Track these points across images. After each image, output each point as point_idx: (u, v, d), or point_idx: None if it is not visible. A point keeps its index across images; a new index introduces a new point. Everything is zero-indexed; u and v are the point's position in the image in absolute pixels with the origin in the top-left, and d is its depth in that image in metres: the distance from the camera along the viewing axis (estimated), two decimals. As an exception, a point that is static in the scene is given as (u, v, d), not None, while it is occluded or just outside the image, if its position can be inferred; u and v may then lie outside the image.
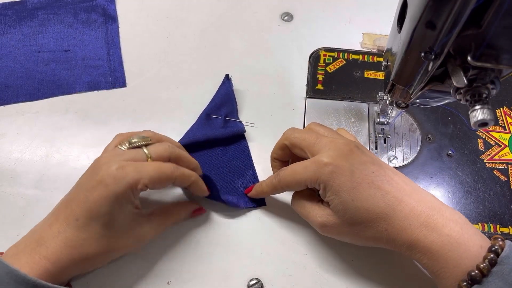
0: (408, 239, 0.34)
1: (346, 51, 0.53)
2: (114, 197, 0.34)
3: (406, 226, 0.34)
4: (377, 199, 0.35)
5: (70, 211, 0.34)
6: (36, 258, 0.33)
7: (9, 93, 0.50)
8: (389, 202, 0.35)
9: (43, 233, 0.34)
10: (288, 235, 0.42)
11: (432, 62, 0.30)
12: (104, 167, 0.34)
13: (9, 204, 0.43)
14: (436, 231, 0.33)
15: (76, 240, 0.34)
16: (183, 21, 0.56)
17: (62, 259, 0.33)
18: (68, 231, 0.34)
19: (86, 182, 0.35)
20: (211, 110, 0.48)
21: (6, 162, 0.46)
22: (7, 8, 0.56)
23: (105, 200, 0.34)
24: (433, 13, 0.27)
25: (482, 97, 0.29)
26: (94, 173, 0.35)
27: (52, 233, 0.34)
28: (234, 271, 0.40)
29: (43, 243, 0.33)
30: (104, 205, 0.34)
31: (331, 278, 0.40)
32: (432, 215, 0.34)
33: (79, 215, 0.34)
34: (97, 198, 0.34)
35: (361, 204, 0.35)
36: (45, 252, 0.33)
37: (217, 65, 0.53)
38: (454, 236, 0.33)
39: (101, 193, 0.34)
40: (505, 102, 0.50)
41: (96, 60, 0.53)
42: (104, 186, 0.34)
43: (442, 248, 0.33)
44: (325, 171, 0.35)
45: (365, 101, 0.50)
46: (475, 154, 0.46)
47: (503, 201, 0.43)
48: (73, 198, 0.35)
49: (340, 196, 0.35)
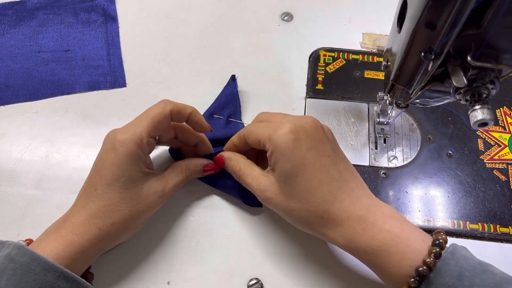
0: (346, 232, 0.34)
1: (346, 51, 0.54)
2: (125, 158, 0.35)
3: (344, 218, 0.34)
4: (321, 183, 0.34)
5: (89, 184, 0.36)
6: (62, 233, 0.34)
7: (9, 93, 0.50)
8: (332, 190, 0.34)
9: (68, 212, 0.36)
10: (288, 235, 0.42)
11: (432, 62, 0.30)
12: (109, 137, 0.37)
13: (9, 204, 0.43)
14: (376, 226, 0.33)
15: (98, 209, 0.35)
16: (183, 21, 0.56)
17: (88, 230, 0.34)
18: (90, 203, 0.35)
19: (99, 157, 0.37)
20: (214, 110, 0.48)
21: (6, 162, 0.46)
22: (7, 8, 0.56)
23: (118, 163, 0.35)
24: (433, 13, 0.27)
25: (482, 97, 0.29)
26: (103, 147, 0.37)
27: (76, 208, 0.36)
28: (234, 271, 0.40)
29: (68, 219, 0.35)
30: (118, 168, 0.35)
31: (331, 278, 0.40)
32: (372, 211, 0.34)
33: (97, 185, 0.35)
34: (109, 163, 0.35)
35: (303, 182, 0.34)
36: (70, 226, 0.34)
37: (217, 65, 0.53)
38: (395, 231, 0.33)
39: (112, 158, 0.35)
40: (505, 102, 0.50)
41: (96, 60, 0.53)
42: (114, 151, 0.36)
43: (383, 244, 0.32)
44: (282, 136, 0.35)
45: (365, 101, 0.50)
46: (475, 154, 0.46)
47: (503, 201, 0.43)
48: (90, 176, 0.37)
49: (285, 166, 0.34)
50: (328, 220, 0.34)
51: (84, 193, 0.36)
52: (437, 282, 0.30)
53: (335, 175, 0.35)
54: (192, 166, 0.41)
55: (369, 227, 0.33)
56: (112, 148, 0.36)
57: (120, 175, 0.35)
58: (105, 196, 0.35)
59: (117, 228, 0.36)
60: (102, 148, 0.37)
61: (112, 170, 0.35)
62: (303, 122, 0.36)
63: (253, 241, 0.41)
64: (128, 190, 0.36)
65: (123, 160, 0.35)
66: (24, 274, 0.31)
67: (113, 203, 0.35)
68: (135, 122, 0.37)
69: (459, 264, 0.30)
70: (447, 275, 0.30)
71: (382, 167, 0.45)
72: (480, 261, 0.32)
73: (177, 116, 0.39)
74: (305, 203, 0.35)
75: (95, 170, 0.37)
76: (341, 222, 0.34)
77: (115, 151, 0.36)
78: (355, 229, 0.34)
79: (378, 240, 0.33)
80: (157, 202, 0.38)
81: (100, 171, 0.36)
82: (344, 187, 0.35)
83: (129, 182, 0.36)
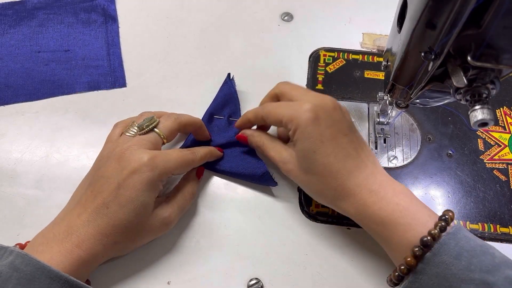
0: (357, 203, 0.36)
1: (346, 51, 0.54)
2: (147, 185, 0.36)
3: (356, 191, 0.36)
4: (337, 159, 0.36)
5: (100, 200, 0.35)
6: (68, 247, 0.34)
7: (9, 93, 0.50)
8: (347, 166, 0.36)
9: (71, 223, 0.35)
10: (288, 235, 0.42)
11: (432, 62, 0.30)
12: (135, 158, 0.36)
13: (9, 204, 0.43)
14: (385, 199, 0.35)
15: (106, 227, 0.35)
16: (183, 21, 0.56)
17: (94, 247, 0.34)
18: (99, 219, 0.35)
19: (115, 173, 0.36)
20: (214, 110, 0.48)
21: (6, 162, 0.46)
22: (7, 8, 0.56)
23: (139, 187, 0.35)
24: (433, 13, 0.27)
25: (482, 97, 0.29)
26: (123, 163, 0.36)
27: (82, 222, 0.35)
28: (234, 271, 0.40)
29: (73, 232, 0.34)
30: (136, 191, 0.35)
31: (331, 278, 0.40)
32: (384, 186, 0.36)
33: (110, 203, 0.35)
34: (130, 185, 0.35)
35: (320, 158, 0.36)
36: (76, 240, 0.34)
37: (217, 65, 0.53)
38: (403, 204, 0.34)
39: (135, 181, 0.35)
40: (505, 102, 0.50)
41: (96, 60, 0.53)
42: (139, 174, 0.36)
43: (391, 215, 0.34)
44: (303, 115, 0.37)
45: (365, 101, 0.50)
46: (475, 154, 0.46)
47: (503, 201, 0.43)
48: (100, 189, 0.36)
49: (305, 143, 0.37)
50: (341, 193, 0.36)
51: (94, 208, 0.35)
52: (435, 260, 0.31)
53: (351, 153, 0.37)
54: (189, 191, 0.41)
55: (379, 199, 0.35)
56: (138, 170, 0.36)
57: (135, 199, 0.35)
58: (115, 216, 0.35)
59: (118, 248, 0.37)
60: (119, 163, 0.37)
61: (130, 192, 0.35)
62: (322, 102, 0.38)
63: (253, 241, 0.41)
64: (138, 215, 0.36)
65: (145, 186, 0.36)
66: (29, 283, 0.31)
67: (121, 224, 0.35)
68: (167, 153, 0.38)
69: (460, 244, 0.31)
70: (446, 254, 0.31)
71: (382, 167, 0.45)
72: (482, 243, 0.32)
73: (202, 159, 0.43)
74: (321, 177, 0.37)
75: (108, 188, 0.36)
76: (353, 194, 0.36)
77: (141, 174, 0.36)
78: (366, 200, 0.35)
79: (386, 211, 0.34)
80: (161, 229, 0.39)
81: (118, 190, 0.35)
82: (359, 164, 0.37)
83: (141, 207, 0.36)
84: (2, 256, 0.32)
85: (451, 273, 0.31)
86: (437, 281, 0.31)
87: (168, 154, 0.38)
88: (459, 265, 0.31)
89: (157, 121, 0.40)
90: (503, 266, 0.31)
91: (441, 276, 0.31)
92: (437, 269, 0.31)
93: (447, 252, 0.31)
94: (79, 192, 0.38)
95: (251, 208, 0.43)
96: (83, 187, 0.39)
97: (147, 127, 0.39)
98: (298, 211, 0.43)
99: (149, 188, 0.36)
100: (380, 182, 0.36)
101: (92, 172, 0.39)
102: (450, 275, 0.31)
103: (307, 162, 0.37)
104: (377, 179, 0.37)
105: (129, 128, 0.40)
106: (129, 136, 0.39)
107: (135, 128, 0.40)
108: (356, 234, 0.42)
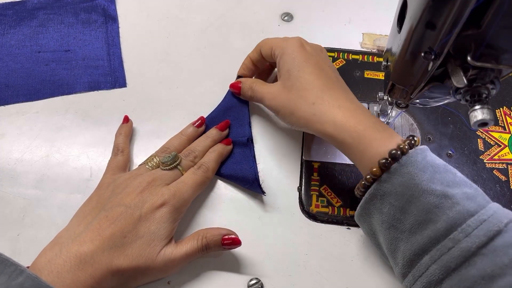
0: (336, 117, 0.37)
1: (346, 51, 0.54)
2: (167, 219, 0.37)
3: (335, 106, 0.38)
4: (318, 77, 0.40)
5: (118, 228, 0.35)
6: (82, 277, 0.33)
7: (9, 93, 0.50)
8: (327, 83, 0.40)
9: (83, 249, 0.34)
10: (288, 235, 0.42)
11: (432, 62, 0.30)
12: (158, 193, 0.38)
13: (9, 204, 0.43)
14: (364, 115, 0.37)
15: (119, 257, 0.34)
16: (183, 21, 0.56)
17: (105, 276, 0.34)
18: (113, 247, 0.35)
19: (136, 204, 0.37)
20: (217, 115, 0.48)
21: (6, 162, 0.46)
22: (7, 8, 0.56)
23: (159, 220, 0.37)
24: (433, 13, 0.27)
25: (482, 97, 0.29)
26: (145, 196, 0.38)
27: (95, 248, 0.34)
28: (234, 271, 0.40)
29: (88, 261, 0.34)
30: (156, 224, 0.36)
31: (331, 278, 0.40)
32: (362, 106, 0.39)
33: (128, 233, 0.35)
34: (151, 219, 0.37)
35: (303, 75, 0.40)
36: (90, 270, 0.33)
37: (217, 65, 0.53)
38: (380, 123, 0.37)
39: (156, 215, 0.37)
40: (505, 102, 0.50)
41: (96, 60, 0.53)
42: (160, 210, 0.37)
43: (368, 128, 0.36)
44: (291, 41, 0.43)
45: (365, 101, 0.50)
46: (475, 154, 0.46)
47: (503, 201, 0.43)
48: (118, 216, 0.36)
49: (290, 64, 0.41)
50: (321, 107, 0.38)
51: (109, 236, 0.35)
52: (401, 170, 0.34)
53: (330, 74, 0.41)
54: (209, 236, 0.38)
55: (358, 114, 0.37)
56: (160, 205, 0.37)
57: (155, 232, 0.36)
58: (130, 247, 0.35)
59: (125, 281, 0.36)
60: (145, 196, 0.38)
61: (150, 224, 0.36)
62: (307, 40, 0.44)
63: (253, 241, 0.41)
64: (151, 248, 0.36)
65: (165, 219, 0.37)
66: None
67: (133, 254, 0.35)
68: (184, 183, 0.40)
69: (426, 159, 0.34)
70: (412, 166, 0.33)
71: None
72: (446, 164, 0.35)
73: None
74: (302, 90, 0.39)
75: (129, 214, 0.36)
76: (332, 108, 0.38)
77: (162, 209, 0.37)
78: (345, 114, 0.37)
79: (363, 124, 0.36)
80: (164, 269, 0.37)
81: (139, 222, 0.36)
82: (337, 83, 0.41)
83: (156, 240, 0.36)
84: (12, 274, 0.30)
85: (414, 183, 0.33)
86: (401, 190, 0.33)
87: (184, 184, 0.40)
88: (423, 177, 0.33)
89: (180, 159, 0.42)
90: (463, 184, 0.33)
91: (404, 185, 0.33)
92: (402, 178, 0.33)
93: (413, 164, 0.33)
94: (88, 215, 0.37)
95: (251, 208, 0.43)
96: (91, 210, 0.38)
97: (171, 164, 0.41)
98: (298, 211, 0.43)
99: (168, 221, 0.37)
100: (358, 103, 0.39)
101: (104, 197, 0.38)
102: (413, 184, 0.33)
103: (291, 79, 0.40)
104: (355, 99, 0.40)
105: (151, 160, 0.42)
106: (147, 169, 0.41)
107: (161, 160, 0.42)
108: (356, 234, 0.42)
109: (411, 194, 0.33)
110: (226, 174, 0.44)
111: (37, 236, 0.41)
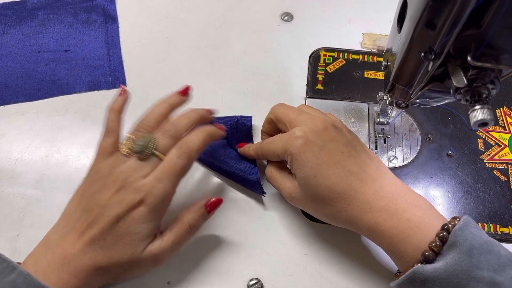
0: (368, 222, 0.35)
1: (346, 51, 0.54)
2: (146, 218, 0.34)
3: (366, 209, 0.35)
4: (339, 178, 0.35)
5: (97, 231, 0.34)
6: (65, 277, 0.33)
7: (9, 93, 0.50)
8: (352, 184, 0.35)
9: (66, 252, 0.34)
10: (288, 235, 0.42)
11: (432, 62, 0.30)
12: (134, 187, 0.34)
13: (9, 204, 0.43)
14: (396, 215, 0.34)
15: (102, 258, 0.34)
16: (183, 21, 0.56)
17: (90, 276, 0.34)
18: (94, 250, 0.34)
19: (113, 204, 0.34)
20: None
21: (6, 162, 0.46)
22: (7, 8, 0.56)
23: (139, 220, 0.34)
24: (433, 13, 0.27)
25: (482, 97, 0.29)
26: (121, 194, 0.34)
27: (77, 251, 0.34)
28: (234, 271, 0.40)
29: (70, 262, 0.33)
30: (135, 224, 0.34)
31: (331, 278, 0.40)
32: (395, 199, 0.35)
33: (107, 235, 0.34)
34: (129, 218, 0.34)
35: (322, 181, 0.35)
36: (73, 270, 0.33)
37: (217, 65, 0.53)
38: (414, 220, 0.33)
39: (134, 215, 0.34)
40: (505, 102, 0.50)
41: (96, 60, 0.53)
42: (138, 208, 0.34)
43: (401, 233, 0.33)
44: (294, 143, 0.36)
45: (365, 101, 0.50)
46: (475, 154, 0.46)
47: (503, 201, 0.43)
48: (97, 219, 0.34)
49: (303, 171, 0.36)
50: (352, 213, 0.35)
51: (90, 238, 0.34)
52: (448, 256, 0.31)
53: (352, 169, 0.36)
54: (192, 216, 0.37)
55: (390, 216, 0.34)
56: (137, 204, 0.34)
57: (133, 232, 0.34)
58: (111, 248, 0.34)
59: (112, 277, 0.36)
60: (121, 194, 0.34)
61: (129, 224, 0.34)
62: (313, 125, 0.37)
63: (253, 241, 0.41)
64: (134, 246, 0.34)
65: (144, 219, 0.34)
66: None
67: (117, 256, 0.34)
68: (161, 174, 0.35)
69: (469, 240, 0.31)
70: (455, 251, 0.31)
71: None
72: (488, 239, 0.32)
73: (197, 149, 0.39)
74: (329, 200, 0.36)
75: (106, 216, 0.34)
76: (363, 214, 0.35)
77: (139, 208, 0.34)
78: (377, 219, 0.34)
79: (397, 229, 0.33)
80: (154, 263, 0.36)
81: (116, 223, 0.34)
82: (365, 178, 0.36)
83: (138, 240, 0.34)
84: (4, 271, 0.31)
85: (461, 269, 0.30)
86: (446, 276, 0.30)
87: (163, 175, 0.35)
88: (469, 262, 0.30)
89: (156, 142, 0.36)
90: (508, 265, 0.31)
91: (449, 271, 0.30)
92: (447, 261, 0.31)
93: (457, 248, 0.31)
94: (72, 215, 0.36)
95: (251, 208, 0.43)
96: (75, 209, 0.36)
97: (144, 152, 0.36)
98: (298, 211, 0.43)
99: (148, 220, 0.35)
100: (391, 196, 0.35)
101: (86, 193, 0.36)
102: (460, 271, 0.30)
103: (310, 188, 0.36)
104: (386, 193, 0.35)
105: (126, 146, 0.37)
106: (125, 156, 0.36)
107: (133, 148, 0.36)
108: (356, 234, 0.42)
109: (458, 282, 0.30)
110: (227, 173, 0.44)
111: (37, 236, 0.41)
